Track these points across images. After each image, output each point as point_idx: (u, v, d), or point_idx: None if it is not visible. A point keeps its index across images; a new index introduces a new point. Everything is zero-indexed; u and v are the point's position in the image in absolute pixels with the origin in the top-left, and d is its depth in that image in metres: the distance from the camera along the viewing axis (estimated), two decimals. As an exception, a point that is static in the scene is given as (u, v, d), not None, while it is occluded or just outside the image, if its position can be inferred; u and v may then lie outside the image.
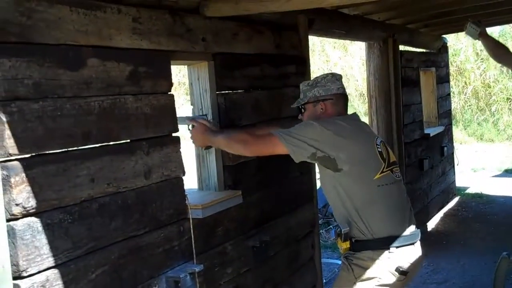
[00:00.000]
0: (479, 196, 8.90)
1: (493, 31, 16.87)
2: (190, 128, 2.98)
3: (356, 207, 2.83)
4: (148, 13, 2.53)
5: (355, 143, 2.86)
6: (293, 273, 3.79)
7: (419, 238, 2.97)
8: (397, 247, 2.82)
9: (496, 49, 5.06)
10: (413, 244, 2.90)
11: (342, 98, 3.07)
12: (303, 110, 3.10)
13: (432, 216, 7.41)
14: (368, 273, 2.82)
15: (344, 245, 2.87)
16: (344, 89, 3.09)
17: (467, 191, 9.29)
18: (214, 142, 2.95)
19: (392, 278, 2.82)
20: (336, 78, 3.08)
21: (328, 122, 2.88)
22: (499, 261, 4.00)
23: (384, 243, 2.82)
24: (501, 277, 3.99)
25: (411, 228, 2.93)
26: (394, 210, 2.89)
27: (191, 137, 2.99)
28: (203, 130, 2.95)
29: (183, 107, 2.81)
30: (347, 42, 17.77)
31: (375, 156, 2.88)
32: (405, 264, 2.83)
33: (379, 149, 2.91)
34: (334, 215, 3.03)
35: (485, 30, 4.87)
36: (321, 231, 4.54)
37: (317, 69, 17.51)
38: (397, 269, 2.80)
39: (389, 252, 2.81)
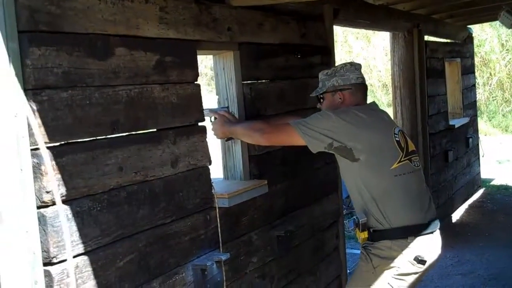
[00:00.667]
0: (504, 188, 8.82)
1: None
2: (212, 120, 3.00)
3: (373, 197, 2.83)
4: (174, 3, 2.53)
5: (372, 133, 2.85)
6: (318, 263, 3.79)
7: (438, 227, 2.94)
8: (415, 236, 2.81)
9: None
10: (432, 233, 2.88)
11: (361, 88, 3.06)
12: (322, 100, 3.10)
13: (457, 208, 7.36)
14: (386, 263, 2.82)
15: (362, 235, 2.87)
16: (363, 78, 3.07)
17: (492, 182, 9.21)
18: (233, 133, 2.96)
19: (411, 267, 2.81)
20: (355, 67, 3.06)
21: (345, 112, 2.89)
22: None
23: (402, 233, 2.82)
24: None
25: (430, 217, 2.90)
26: (412, 200, 2.87)
27: (212, 129, 3.00)
28: (223, 122, 2.97)
29: (204, 98, 2.80)
30: (370, 32, 17.66)
31: (393, 146, 2.87)
32: (424, 253, 2.81)
33: (397, 139, 2.89)
34: (353, 205, 3.02)
35: None
36: (345, 221, 4.59)
37: (339, 59, 17.41)
38: (415, 258, 2.79)
39: (407, 241, 2.80)
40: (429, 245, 2.87)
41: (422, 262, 2.80)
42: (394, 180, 2.83)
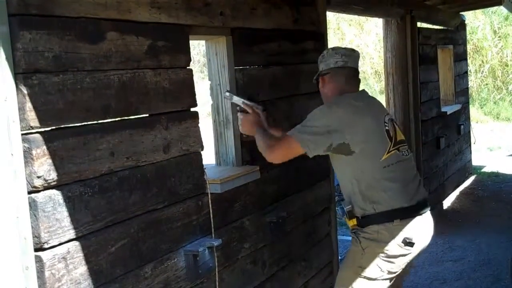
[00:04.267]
0: (495, 175, 8.86)
1: (512, 8, 16.66)
2: (239, 110, 2.99)
3: (361, 187, 2.88)
4: (166, -13, 2.51)
5: (367, 120, 2.88)
6: (310, 249, 3.80)
7: (428, 209, 2.98)
8: (401, 219, 2.85)
9: None
10: (420, 215, 2.91)
11: (342, 71, 3.03)
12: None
13: (448, 195, 7.39)
14: (375, 245, 2.87)
15: (351, 223, 2.94)
16: (344, 62, 3.03)
17: (483, 170, 9.25)
18: (255, 136, 2.98)
19: (399, 249, 2.85)
20: (335, 52, 3.06)
21: (339, 103, 2.93)
22: (517, 239, 3.98)
23: (388, 217, 2.85)
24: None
25: (418, 200, 2.92)
26: (399, 187, 2.89)
27: (240, 122, 3.01)
28: (255, 122, 2.98)
29: (197, 85, 2.79)
30: (363, 19, 17.63)
31: (383, 136, 2.89)
32: (412, 235, 2.84)
33: (387, 128, 2.91)
34: (342, 193, 3.05)
35: None
36: (337, 208, 4.66)
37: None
38: (403, 241, 2.82)
39: (393, 224, 2.84)
40: (417, 227, 2.88)
41: (410, 244, 2.83)
42: (382, 171, 2.86)
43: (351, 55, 3.08)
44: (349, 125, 2.82)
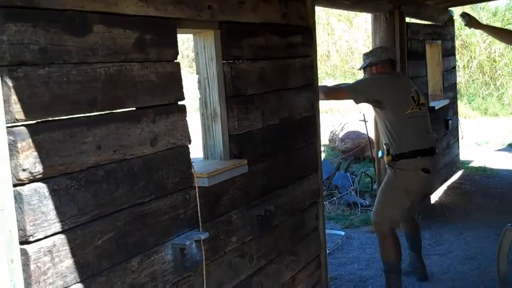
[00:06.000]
0: (482, 170, 8.91)
1: (500, 4, 16.74)
2: None
3: (394, 131, 4.50)
4: (154, -20, 2.50)
5: (394, 90, 4.57)
6: (297, 243, 3.81)
7: (437, 151, 4.64)
8: (421, 156, 4.45)
9: (497, 34, 5.99)
10: (431, 155, 4.53)
11: (388, 61, 4.75)
12: (364, 71, 4.85)
13: (436, 189, 7.42)
14: (403, 173, 4.49)
15: (387, 158, 4.55)
16: (389, 55, 4.79)
17: (471, 164, 9.30)
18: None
19: (419, 173, 4.45)
20: (381, 49, 4.91)
21: (376, 78, 4.71)
22: (504, 232, 4.01)
23: (412, 154, 4.45)
24: (505, 249, 4.00)
25: (431, 145, 4.55)
26: (419, 134, 4.52)
27: None
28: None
29: (186, 80, 2.79)
30: (352, 15, 17.66)
31: (408, 99, 4.52)
32: (428, 166, 4.48)
33: (412, 95, 4.55)
34: (382, 139, 4.74)
35: (472, 20, 5.49)
36: (324, 202, 4.85)
37: (321, 42, 17.42)
38: (422, 169, 4.44)
39: (416, 159, 4.44)
40: (431, 161, 4.53)
41: (427, 171, 4.45)
42: (407, 121, 4.49)
43: (391, 51, 5.08)
44: (381, 90, 4.54)
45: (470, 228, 6.23)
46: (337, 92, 4.82)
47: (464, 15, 5.48)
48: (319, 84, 4.28)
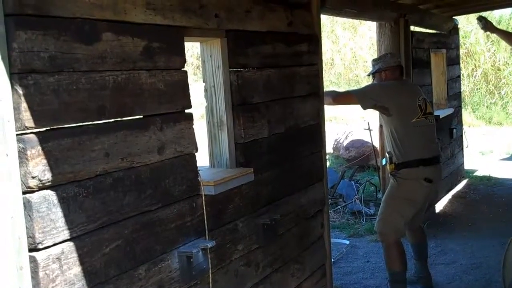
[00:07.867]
0: (487, 179, 8.89)
1: (504, 12, 16.75)
2: None
3: (399, 139, 4.48)
4: (162, -12, 2.52)
5: (401, 97, 4.55)
6: (303, 251, 3.80)
7: (440, 161, 4.63)
8: (424, 165, 4.44)
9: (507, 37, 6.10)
10: (435, 164, 4.53)
11: (397, 68, 4.74)
12: (373, 77, 4.83)
13: (440, 198, 7.41)
14: (405, 182, 4.49)
15: (390, 167, 4.53)
16: (398, 62, 4.81)
17: (475, 173, 9.28)
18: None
19: (422, 183, 4.44)
20: (391, 55, 4.88)
21: (385, 84, 4.67)
22: (509, 242, 4.00)
23: (415, 163, 4.44)
24: (510, 259, 3.99)
25: (434, 155, 4.55)
26: (423, 143, 4.50)
27: None
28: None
29: (191, 87, 2.81)
30: (357, 23, 17.68)
31: (415, 107, 4.51)
32: (430, 176, 4.46)
33: (419, 103, 4.54)
34: (386, 146, 4.73)
35: (488, 24, 5.71)
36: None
37: (326, 50, 17.44)
38: (425, 179, 4.43)
39: (419, 168, 4.43)
40: (434, 171, 4.53)
41: (429, 180, 4.45)
42: (413, 129, 4.47)
43: (399, 57, 5.19)
44: (389, 97, 4.54)
45: (475, 237, 6.21)
46: (346, 97, 4.91)
47: (481, 19, 5.61)
48: (326, 89, 4.32)
